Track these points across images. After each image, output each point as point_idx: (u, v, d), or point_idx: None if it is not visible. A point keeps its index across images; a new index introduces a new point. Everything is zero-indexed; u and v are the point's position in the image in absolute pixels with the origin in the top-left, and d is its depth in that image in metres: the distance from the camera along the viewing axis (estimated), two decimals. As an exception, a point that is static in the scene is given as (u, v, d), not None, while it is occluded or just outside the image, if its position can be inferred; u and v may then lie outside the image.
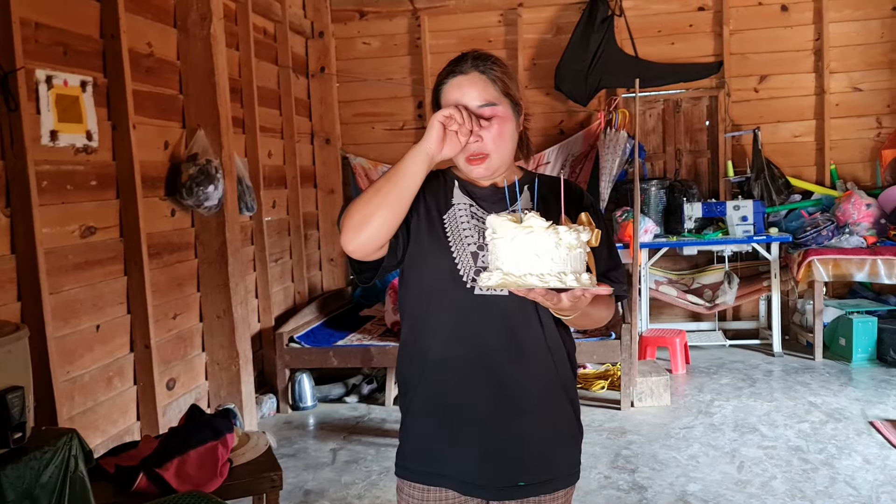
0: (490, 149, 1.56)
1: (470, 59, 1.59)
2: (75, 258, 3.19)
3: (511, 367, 1.57)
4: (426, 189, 1.60)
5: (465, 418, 1.58)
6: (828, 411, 4.35)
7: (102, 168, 3.37)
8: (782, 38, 5.99)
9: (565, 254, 1.32)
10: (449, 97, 1.58)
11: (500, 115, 1.57)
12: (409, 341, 1.65)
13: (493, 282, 1.33)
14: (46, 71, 3.00)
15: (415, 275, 1.62)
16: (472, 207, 1.61)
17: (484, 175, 1.61)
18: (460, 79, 1.58)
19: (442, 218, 1.60)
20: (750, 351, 5.74)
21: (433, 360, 1.59)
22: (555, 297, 1.34)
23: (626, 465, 3.73)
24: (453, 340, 1.57)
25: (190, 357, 4.09)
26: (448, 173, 1.68)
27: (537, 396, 1.60)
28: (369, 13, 6.30)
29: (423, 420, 1.63)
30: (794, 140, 6.06)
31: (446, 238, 1.58)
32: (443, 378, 1.59)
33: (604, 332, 4.75)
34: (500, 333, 1.56)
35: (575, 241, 1.32)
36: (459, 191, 1.64)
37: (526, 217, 1.35)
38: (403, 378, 1.68)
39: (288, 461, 3.88)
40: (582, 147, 5.99)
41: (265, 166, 5.03)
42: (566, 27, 6.06)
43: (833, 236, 5.37)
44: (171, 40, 3.97)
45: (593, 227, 1.40)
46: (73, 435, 2.05)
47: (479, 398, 1.57)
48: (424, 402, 1.62)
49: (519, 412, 1.58)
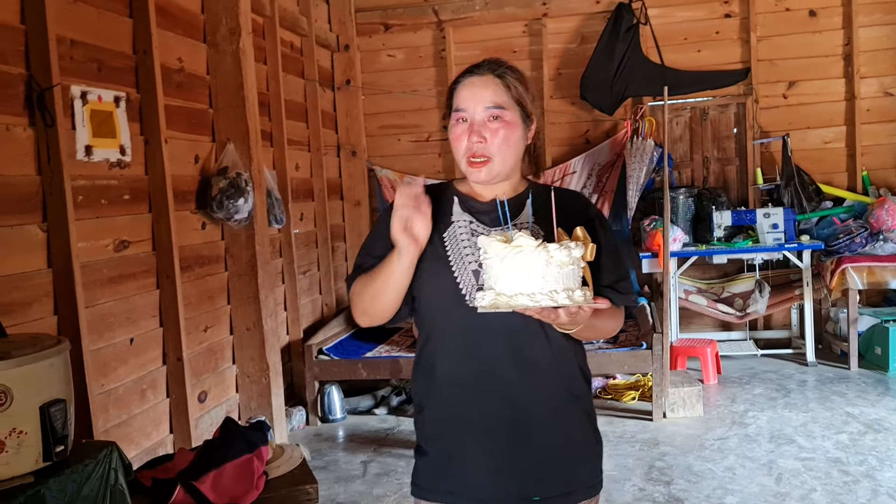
0: (492, 152, 1.54)
1: (487, 63, 1.60)
2: (109, 272, 3.22)
3: (520, 382, 1.55)
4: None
5: (477, 435, 1.56)
6: (866, 422, 4.27)
7: (135, 182, 3.40)
8: (811, 44, 5.93)
9: (556, 271, 1.30)
10: (461, 95, 1.58)
11: (508, 120, 1.55)
12: (420, 359, 1.65)
13: (486, 302, 1.33)
14: (81, 87, 3.04)
15: (420, 295, 1.60)
16: (472, 224, 1.59)
17: (484, 180, 1.58)
18: (474, 79, 1.58)
19: (442, 236, 1.58)
20: (782, 360, 5.65)
21: (441, 377, 1.59)
22: (552, 314, 1.34)
23: (661, 478, 3.68)
24: (461, 358, 1.56)
25: (221, 369, 4.10)
26: (450, 188, 1.67)
27: (549, 410, 1.57)
28: (394, 26, 6.33)
29: (434, 438, 1.62)
30: (825, 146, 5.98)
31: (447, 257, 1.57)
32: (452, 395, 1.58)
33: (634, 342, 4.71)
34: (507, 349, 1.54)
35: (566, 258, 1.31)
36: (459, 207, 1.62)
37: (515, 236, 1.34)
38: (416, 396, 1.68)
39: (319, 473, 3.87)
40: (608, 156, 5.96)
41: (293, 179, 5.06)
42: (591, 36, 6.04)
43: (867, 243, 5.28)
44: (201, 55, 4.01)
45: (588, 242, 1.38)
46: (114, 447, 2.05)
47: (489, 414, 1.55)
48: (435, 419, 1.62)
49: (531, 426, 1.56)
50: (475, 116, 1.55)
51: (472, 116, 1.56)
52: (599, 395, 4.98)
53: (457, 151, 1.59)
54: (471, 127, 1.55)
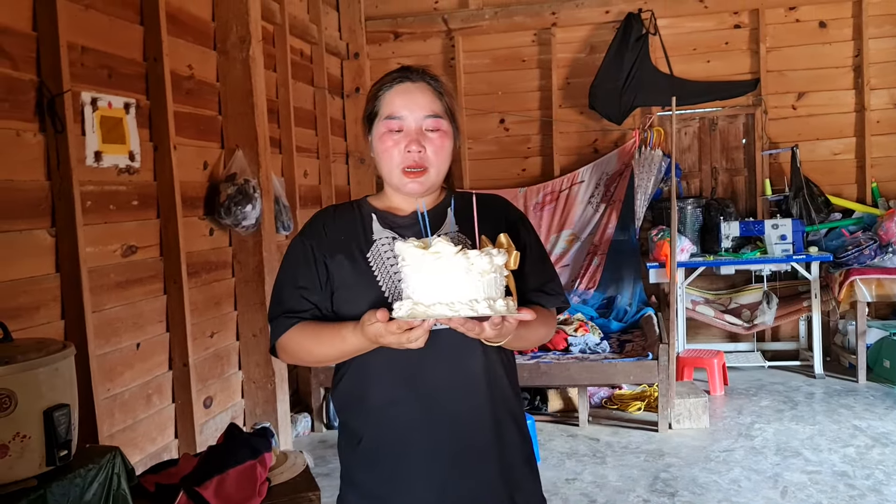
0: (431, 162, 1.48)
1: (416, 70, 1.53)
2: (117, 277, 3.24)
3: (461, 400, 1.46)
4: (342, 231, 1.53)
5: (418, 463, 1.45)
6: (874, 435, 4.24)
7: (144, 188, 3.43)
8: (821, 55, 5.92)
9: (477, 279, 1.23)
10: (394, 102, 1.49)
11: (444, 129, 1.49)
12: (343, 384, 1.52)
13: (403, 312, 1.24)
14: (92, 93, 3.07)
15: (345, 314, 1.47)
16: (396, 240, 1.46)
17: (418, 191, 1.50)
18: (408, 85, 1.50)
19: (366, 256, 1.49)
20: (790, 372, 5.62)
21: (377, 405, 1.47)
22: (476, 327, 1.26)
23: (666, 489, 3.66)
24: (397, 381, 1.45)
25: (227, 375, 4.11)
26: (364, 205, 1.58)
27: (489, 430, 1.48)
28: (404, 34, 6.35)
29: (369, 471, 1.49)
30: (834, 158, 5.96)
31: (373, 274, 1.47)
32: (389, 423, 1.46)
33: (640, 352, 4.69)
34: (444, 366, 1.44)
35: (488, 265, 1.24)
36: (379, 224, 1.53)
37: (434, 241, 1.27)
38: (345, 426, 1.55)
39: (322, 480, 3.86)
40: (617, 166, 5.96)
41: (301, 186, 5.08)
42: (600, 46, 6.05)
43: (876, 255, 5.26)
44: (211, 63, 4.03)
45: (511, 250, 1.31)
46: (117, 453, 2.06)
47: (430, 441, 1.45)
48: (370, 450, 1.49)
49: (473, 449, 1.47)
50: (411, 125, 1.48)
51: (407, 125, 1.48)
52: (605, 405, 4.97)
53: (387, 161, 1.49)
54: (407, 136, 1.47)
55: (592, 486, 3.73)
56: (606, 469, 3.94)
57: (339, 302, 1.49)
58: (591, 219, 6.04)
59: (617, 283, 5.97)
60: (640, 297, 5.90)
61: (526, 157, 6.35)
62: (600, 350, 4.88)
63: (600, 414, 4.83)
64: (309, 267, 1.51)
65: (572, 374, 4.48)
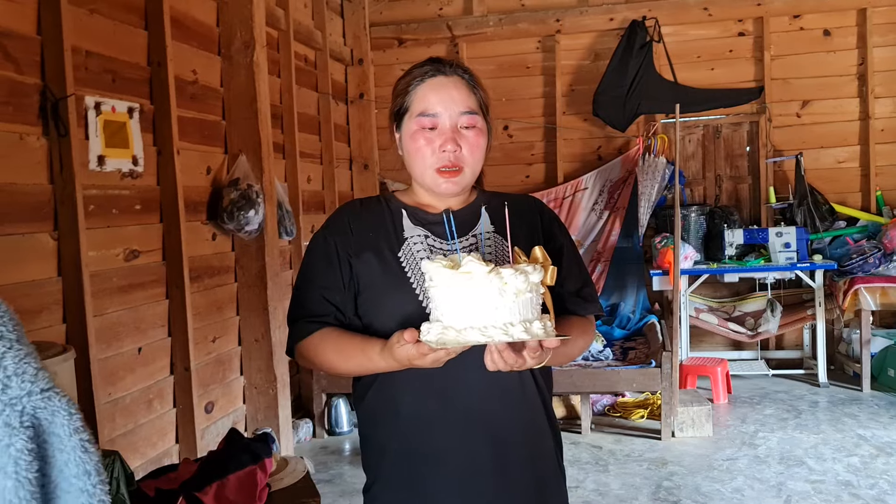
0: (466, 161, 1.40)
1: (450, 63, 1.43)
2: (119, 281, 3.23)
3: (499, 414, 1.38)
4: (369, 227, 1.43)
5: (451, 482, 1.37)
6: (878, 445, 4.21)
7: (147, 192, 3.43)
8: (825, 63, 5.91)
9: (512, 300, 1.14)
10: (427, 98, 1.40)
11: (479, 126, 1.42)
12: (371, 396, 1.43)
13: (432, 336, 1.15)
14: (95, 97, 3.07)
15: (376, 323, 1.38)
16: (429, 239, 1.41)
17: (453, 192, 1.42)
18: (442, 79, 1.41)
19: (397, 256, 1.39)
20: (794, 381, 5.59)
21: (408, 420, 1.38)
22: (518, 360, 1.18)
23: (669, 497, 3.64)
24: (429, 395, 1.36)
25: (228, 380, 4.10)
26: (392, 201, 1.48)
27: (528, 446, 1.41)
28: (408, 41, 6.36)
29: (399, 489, 1.40)
30: (838, 166, 5.94)
31: (405, 274, 1.37)
32: (418, 437, 1.37)
33: (643, 359, 4.67)
34: (477, 377, 1.32)
35: (523, 284, 1.15)
36: (410, 221, 1.44)
37: (464, 261, 1.18)
38: (369, 441, 1.46)
39: (324, 486, 3.86)
40: (620, 173, 5.96)
41: (304, 191, 5.07)
42: (604, 53, 6.05)
43: (880, 264, 5.24)
44: (215, 68, 4.04)
45: (548, 265, 1.22)
46: (116, 457, 2.05)
47: (462, 456, 1.36)
48: (397, 466, 1.40)
49: (514, 465, 1.39)
50: (446, 122, 1.39)
51: (442, 122, 1.39)
52: (608, 413, 4.95)
53: (420, 161, 1.40)
54: (441, 134, 1.39)
55: (595, 495, 3.71)
56: (609, 477, 3.92)
57: (366, 304, 1.40)
58: (594, 226, 6.04)
59: (620, 290, 5.96)
60: (644, 305, 5.89)
61: (530, 164, 6.34)
62: (603, 357, 4.86)
63: (603, 421, 4.81)
64: (331, 265, 1.42)
65: (575, 382, 4.47)
